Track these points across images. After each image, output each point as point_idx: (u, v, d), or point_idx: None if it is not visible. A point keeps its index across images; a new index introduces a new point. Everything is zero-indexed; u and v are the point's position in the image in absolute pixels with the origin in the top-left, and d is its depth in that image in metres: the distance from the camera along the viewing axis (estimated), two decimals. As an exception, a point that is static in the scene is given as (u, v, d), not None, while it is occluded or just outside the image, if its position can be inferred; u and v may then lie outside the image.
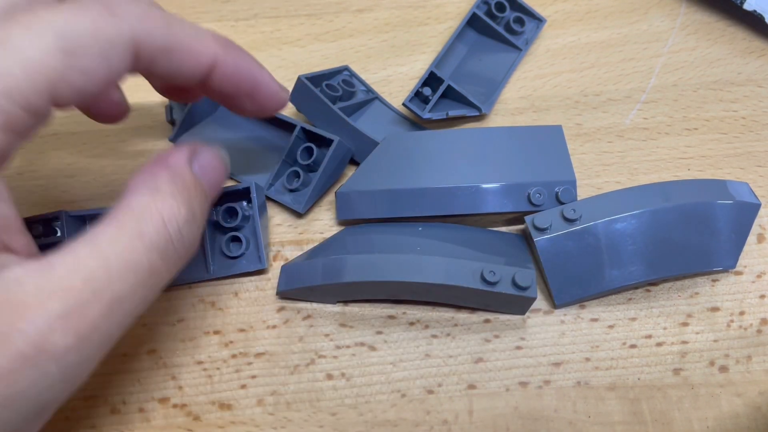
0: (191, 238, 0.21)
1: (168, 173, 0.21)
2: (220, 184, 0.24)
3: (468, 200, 0.28)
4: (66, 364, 0.18)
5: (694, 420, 0.26)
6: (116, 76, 0.19)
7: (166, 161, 0.21)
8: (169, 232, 0.20)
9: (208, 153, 0.23)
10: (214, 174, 0.23)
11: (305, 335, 0.28)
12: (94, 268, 0.18)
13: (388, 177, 0.29)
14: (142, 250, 0.19)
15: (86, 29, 0.18)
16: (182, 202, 0.20)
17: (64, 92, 0.18)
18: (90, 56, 0.18)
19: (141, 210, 0.20)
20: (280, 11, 0.36)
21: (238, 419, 0.26)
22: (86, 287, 0.18)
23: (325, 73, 0.32)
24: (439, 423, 0.26)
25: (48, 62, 0.18)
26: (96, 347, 0.18)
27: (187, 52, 0.21)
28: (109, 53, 0.19)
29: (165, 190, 0.20)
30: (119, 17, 0.19)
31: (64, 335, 0.17)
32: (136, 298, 0.19)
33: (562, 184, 0.28)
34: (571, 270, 0.27)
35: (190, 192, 0.21)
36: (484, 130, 0.30)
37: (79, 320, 0.18)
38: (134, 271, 0.19)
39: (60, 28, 0.18)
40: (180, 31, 0.21)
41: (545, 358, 0.27)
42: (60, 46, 0.18)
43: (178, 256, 0.20)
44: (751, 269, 0.29)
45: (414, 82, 0.34)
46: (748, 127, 0.33)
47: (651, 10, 0.37)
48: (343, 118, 0.30)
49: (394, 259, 0.26)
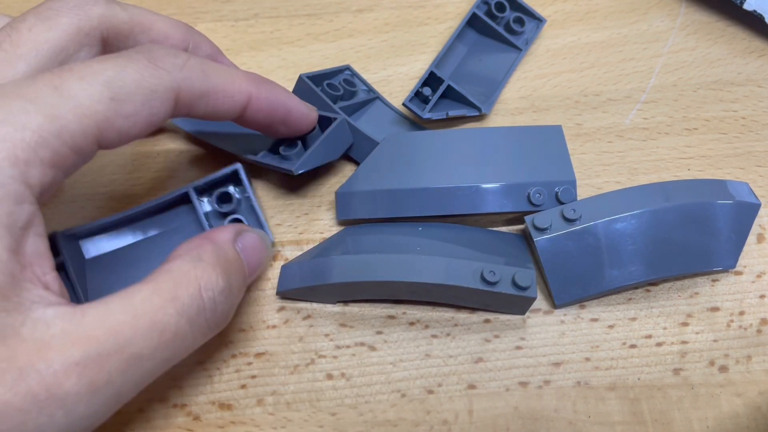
0: (224, 309, 0.22)
1: (212, 246, 0.22)
2: (260, 265, 0.25)
3: (468, 200, 0.28)
4: (74, 414, 0.18)
5: (694, 420, 0.26)
6: (158, 120, 0.21)
7: (213, 236, 0.23)
8: (204, 301, 0.21)
9: (252, 234, 0.25)
10: (255, 254, 0.25)
11: (305, 335, 0.28)
12: (120, 321, 0.19)
13: (388, 177, 0.29)
14: (172, 312, 0.20)
15: (132, 79, 0.20)
16: (221, 274, 0.21)
17: (109, 135, 0.20)
18: (134, 104, 0.20)
19: (180, 275, 0.20)
20: (280, 11, 0.36)
21: (238, 419, 0.26)
22: (109, 339, 0.18)
23: (326, 73, 0.32)
24: (439, 423, 0.26)
25: (97, 108, 0.19)
26: (107, 401, 0.19)
27: (222, 95, 0.23)
28: (151, 101, 0.21)
29: (206, 260, 0.21)
30: (161, 69, 0.21)
31: (77, 383, 0.17)
32: (156, 358, 0.19)
33: (562, 184, 0.28)
34: (571, 270, 0.27)
35: (230, 266, 0.22)
36: (484, 130, 0.30)
37: (96, 370, 0.18)
38: (160, 332, 0.19)
39: (109, 78, 0.20)
40: (216, 78, 0.23)
41: (545, 358, 0.27)
42: (108, 95, 0.20)
43: (208, 325, 0.21)
44: (751, 269, 0.29)
45: (414, 82, 0.34)
46: (748, 127, 0.33)
47: (651, 10, 0.37)
48: (345, 117, 0.30)
49: (394, 259, 0.26)
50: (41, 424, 0.17)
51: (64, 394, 0.17)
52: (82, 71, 0.20)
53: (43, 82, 0.19)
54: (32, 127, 0.18)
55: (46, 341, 0.17)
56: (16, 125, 0.18)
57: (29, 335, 0.17)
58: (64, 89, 0.19)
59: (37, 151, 0.18)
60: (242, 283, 0.23)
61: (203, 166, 0.32)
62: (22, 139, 0.18)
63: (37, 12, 0.23)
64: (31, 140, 0.18)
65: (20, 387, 0.17)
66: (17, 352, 0.17)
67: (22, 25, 0.22)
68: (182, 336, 0.20)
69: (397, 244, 0.27)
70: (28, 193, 0.18)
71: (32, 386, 0.17)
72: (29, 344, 0.17)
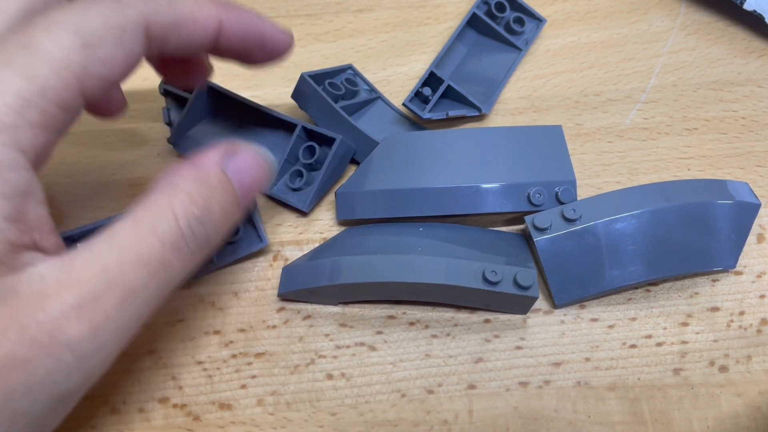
0: (206, 234, 0.21)
1: (192, 172, 0.22)
2: (258, 184, 0.24)
3: (468, 200, 0.28)
4: (81, 352, 0.18)
5: (694, 420, 0.26)
6: (134, 59, 0.21)
7: (196, 159, 0.22)
8: (181, 228, 0.20)
9: (246, 153, 0.24)
10: (250, 174, 0.23)
11: (305, 335, 0.28)
12: (108, 260, 0.19)
13: (389, 177, 0.29)
14: (155, 244, 0.20)
15: (98, 22, 0.20)
16: (198, 201, 0.21)
17: (90, 84, 0.19)
18: (106, 46, 0.20)
19: (156, 206, 0.20)
20: (279, 11, 0.36)
21: (238, 419, 0.26)
22: (100, 279, 0.19)
23: (328, 72, 0.32)
24: (439, 423, 0.26)
25: (71, 58, 0.19)
26: (111, 337, 0.19)
27: (192, 22, 0.22)
28: (123, 39, 0.20)
29: (182, 187, 0.21)
30: (126, 5, 0.20)
31: (78, 324, 0.18)
32: (149, 290, 0.20)
33: (562, 184, 0.28)
34: (571, 270, 0.27)
35: (210, 192, 0.22)
36: (484, 130, 0.30)
37: (92, 310, 0.18)
38: (147, 264, 0.19)
39: (75, 24, 0.19)
40: (182, 5, 0.22)
41: (545, 358, 0.27)
42: (78, 42, 0.19)
43: (191, 252, 0.21)
44: (751, 269, 0.29)
45: (414, 82, 0.34)
46: (748, 127, 0.33)
47: (651, 10, 0.37)
48: (345, 117, 0.30)
49: (396, 259, 0.26)
50: (50, 367, 0.18)
51: (67, 336, 0.18)
52: (45, 23, 0.19)
53: (11, 44, 0.18)
54: (12, 91, 0.18)
55: (42, 292, 0.18)
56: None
57: (26, 291, 0.18)
58: (34, 45, 0.18)
59: (23, 114, 0.18)
60: (231, 206, 0.23)
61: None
62: (5, 104, 0.18)
63: None
64: (15, 104, 0.18)
65: (24, 338, 0.17)
66: (17, 309, 0.18)
67: None
68: (169, 264, 0.20)
69: (398, 245, 0.27)
70: (22, 158, 0.18)
71: (35, 335, 0.17)
72: (27, 299, 0.18)
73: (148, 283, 0.19)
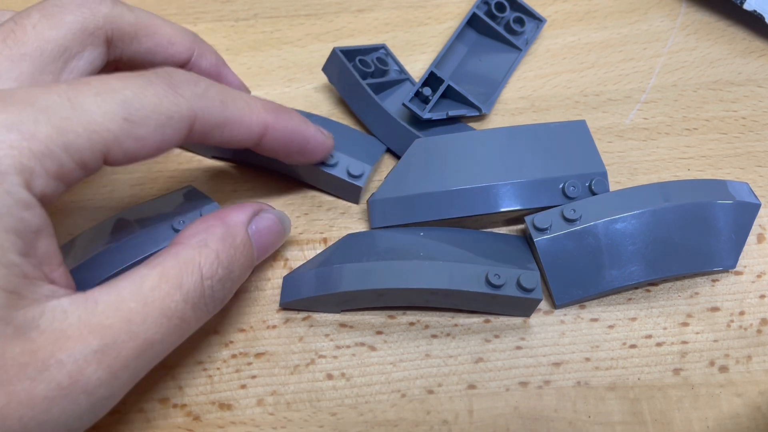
0: (223, 295, 0.22)
1: (221, 230, 0.23)
2: (272, 247, 0.26)
3: (504, 198, 0.28)
4: (96, 397, 0.19)
5: (694, 420, 0.26)
6: (168, 146, 0.21)
7: (226, 217, 0.23)
8: (204, 288, 0.21)
9: (269, 217, 0.25)
10: (268, 237, 0.25)
11: (305, 335, 0.28)
12: (132, 309, 0.19)
13: (422, 181, 0.29)
14: (178, 299, 0.20)
15: (149, 103, 0.20)
16: (224, 262, 0.22)
17: (116, 155, 0.20)
18: (147, 127, 0.20)
19: (185, 261, 0.21)
20: (280, 11, 0.36)
21: (238, 419, 0.26)
22: (123, 327, 0.19)
23: (360, 49, 0.33)
24: (439, 423, 0.26)
25: (108, 127, 0.19)
26: (124, 384, 0.20)
27: (239, 125, 0.23)
28: (165, 126, 0.21)
29: (212, 246, 0.22)
30: (180, 95, 0.21)
31: (97, 370, 0.18)
32: (165, 342, 0.20)
33: (594, 176, 0.29)
34: (571, 270, 0.27)
35: (236, 252, 0.23)
36: (511, 129, 0.30)
37: (113, 357, 0.19)
38: (168, 318, 0.20)
39: (126, 98, 0.20)
40: (234, 107, 0.23)
41: (545, 358, 0.27)
42: (123, 115, 0.19)
43: (207, 310, 0.22)
44: (751, 269, 0.29)
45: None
46: (748, 127, 0.33)
47: (651, 10, 0.37)
48: (370, 93, 0.31)
49: (397, 265, 0.26)
50: (66, 409, 0.18)
51: (86, 380, 0.18)
52: (99, 87, 0.19)
53: (57, 93, 0.19)
54: (40, 137, 0.18)
55: (64, 331, 0.18)
56: (25, 134, 0.18)
57: (48, 326, 0.18)
58: (78, 103, 0.19)
59: (42, 161, 0.18)
60: (247, 268, 0.24)
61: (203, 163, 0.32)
62: (29, 148, 0.18)
63: (41, 8, 0.23)
64: (38, 150, 0.18)
65: (44, 377, 0.18)
66: (38, 345, 0.18)
67: (26, 21, 0.22)
68: (187, 321, 0.21)
69: (400, 250, 0.27)
70: (34, 200, 0.18)
71: (55, 375, 0.18)
72: (49, 335, 0.18)
73: (166, 336, 0.20)
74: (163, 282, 0.20)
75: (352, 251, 0.28)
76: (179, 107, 0.21)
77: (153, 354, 0.20)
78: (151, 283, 0.20)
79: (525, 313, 0.28)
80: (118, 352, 0.19)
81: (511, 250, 0.28)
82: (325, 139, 0.27)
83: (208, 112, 0.22)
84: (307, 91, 0.34)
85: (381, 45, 0.34)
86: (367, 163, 0.30)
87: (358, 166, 0.29)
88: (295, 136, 0.25)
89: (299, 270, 0.28)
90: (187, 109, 0.21)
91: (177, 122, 0.21)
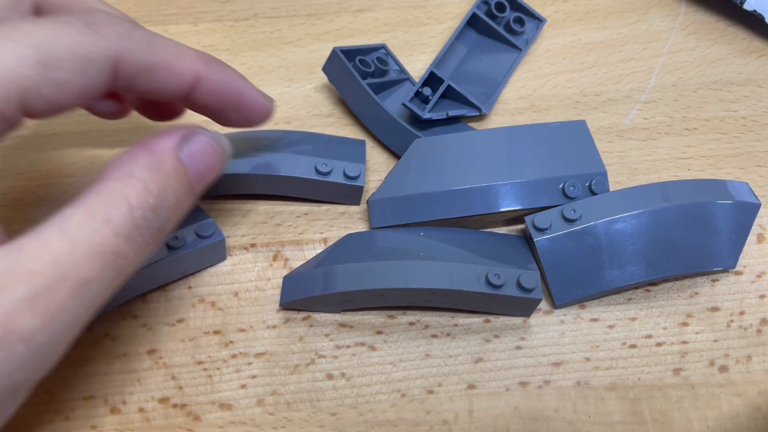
0: (160, 224, 0.21)
1: (147, 158, 0.21)
2: (212, 170, 0.23)
3: (504, 198, 0.28)
4: (34, 344, 0.18)
5: (694, 420, 0.26)
6: (91, 91, 0.20)
7: (152, 144, 0.22)
8: (136, 219, 0.20)
9: (201, 139, 0.23)
10: (204, 161, 0.23)
11: (305, 335, 0.28)
12: (61, 251, 0.18)
13: (422, 181, 0.29)
14: (108, 234, 0.19)
15: (65, 44, 0.19)
16: (153, 191, 0.20)
17: (35, 102, 0.19)
18: (65, 70, 0.19)
19: (110, 194, 0.20)
20: (280, 11, 0.36)
21: (238, 419, 0.26)
22: (53, 270, 0.18)
23: (360, 49, 0.33)
24: (439, 423, 0.26)
25: (23, 72, 0.18)
26: (64, 328, 0.19)
27: (168, 70, 0.22)
28: (85, 69, 0.19)
29: (137, 176, 0.20)
30: (100, 35, 0.20)
31: (31, 316, 0.18)
32: (103, 281, 0.19)
33: (594, 176, 0.29)
34: (571, 270, 0.27)
35: (165, 179, 0.21)
36: (511, 129, 0.30)
37: (45, 302, 0.18)
38: (100, 255, 0.19)
39: (40, 41, 0.19)
40: (162, 50, 0.22)
41: (545, 358, 0.27)
42: (37, 58, 0.18)
43: (144, 242, 0.20)
44: (751, 269, 0.29)
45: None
46: (748, 127, 0.33)
47: (651, 10, 0.37)
48: (370, 93, 0.31)
49: (397, 265, 0.26)
50: (5, 362, 0.17)
51: (20, 329, 0.17)
52: (11, 32, 0.18)
53: None
54: None
55: None
56: None
57: None
58: None
59: None
60: (185, 195, 0.22)
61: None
62: None
63: None
64: None
65: None
66: None
67: None
68: (124, 255, 0.20)
69: (399, 250, 0.27)
70: None
71: None
72: None
73: (102, 274, 0.19)
74: (89, 219, 0.19)
75: (352, 251, 0.28)
76: (100, 47, 0.20)
77: (92, 294, 0.19)
78: (76, 221, 0.19)
79: (525, 313, 0.28)
80: (50, 296, 0.18)
81: (511, 250, 0.28)
82: (264, 100, 0.25)
83: (134, 54, 0.21)
84: (307, 91, 0.34)
85: (381, 45, 0.34)
86: (360, 162, 0.30)
87: (353, 167, 0.29)
88: (230, 89, 0.24)
89: (299, 270, 0.28)
90: (109, 48, 0.20)
91: (99, 63, 0.20)
